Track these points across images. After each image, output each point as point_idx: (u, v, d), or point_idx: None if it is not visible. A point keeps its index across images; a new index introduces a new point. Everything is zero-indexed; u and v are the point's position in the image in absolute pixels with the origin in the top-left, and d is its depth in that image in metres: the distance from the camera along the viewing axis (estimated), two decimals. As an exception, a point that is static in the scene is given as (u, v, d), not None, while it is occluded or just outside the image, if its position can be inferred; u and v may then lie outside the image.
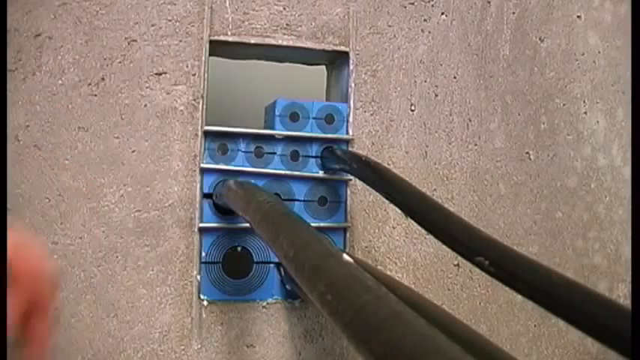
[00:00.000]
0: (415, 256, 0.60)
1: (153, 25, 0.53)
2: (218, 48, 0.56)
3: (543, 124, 0.65)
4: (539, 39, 0.65)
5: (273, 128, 0.55)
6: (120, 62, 0.52)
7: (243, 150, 0.54)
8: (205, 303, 0.54)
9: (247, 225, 0.49)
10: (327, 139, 0.56)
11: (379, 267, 0.58)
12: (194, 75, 0.54)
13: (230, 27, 0.55)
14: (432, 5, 0.61)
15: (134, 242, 0.52)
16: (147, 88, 0.53)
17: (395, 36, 0.60)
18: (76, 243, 0.51)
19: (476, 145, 0.62)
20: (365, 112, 0.59)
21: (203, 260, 0.53)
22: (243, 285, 0.54)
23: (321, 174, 0.56)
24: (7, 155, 0.49)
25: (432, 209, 0.42)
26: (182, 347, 0.53)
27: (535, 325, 0.63)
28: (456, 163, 0.61)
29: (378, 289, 0.25)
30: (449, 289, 0.61)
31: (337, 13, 0.58)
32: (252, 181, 0.53)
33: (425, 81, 0.61)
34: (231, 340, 0.54)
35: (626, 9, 0.68)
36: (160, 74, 0.53)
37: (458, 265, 0.61)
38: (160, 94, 0.53)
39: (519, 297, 0.36)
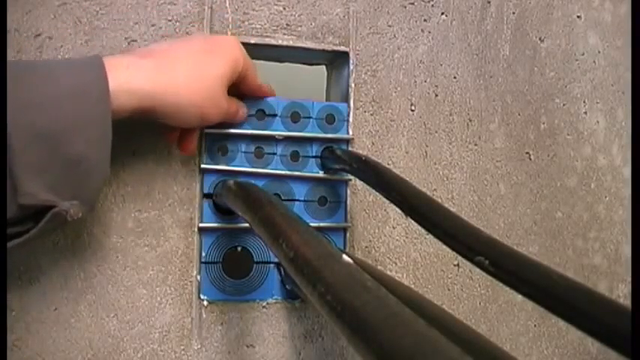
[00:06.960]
0: (415, 256, 0.60)
1: (153, 25, 0.53)
2: (218, 48, 0.56)
3: (543, 124, 0.65)
4: (539, 39, 0.65)
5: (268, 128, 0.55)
6: (120, 62, 0.52)
7: (243, 150, 0.54)
8: (205, 303, 0.54)
9: (247, 225, 0.49)
10: (327, 139, 0.56)
11: (379, 267, 0.58)
12: (194, 75, 0.54)
13: (230, 27, 0.55)
14: (432, 5, 0.61)
15: (134, 242, 0.52)
16: (147, 88, 0.53)
17: (395, 36, 0.60)
18: (75, 243, 0.51)
19: (476, 145, 0.62)
20: (365, 112, 0.59)
21: (203, 260, 0.53)
22: (243, 285, 0.54)
23: (321, 174, 0.56)
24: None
25: (432, 209, 0.42)
26: (182, 347, 0.53)
27: (535, 325, 0.63)
28: (456, 163, 0.61)
29: (377, 289, 0.25)
30: (449, 289, 0.61)
31: (337, 13, 0.58)
32: (252, 181, 0.53)
33: (425, 81, 0.61)
34: (231, 340, 0.54)
35: (626, 9, 0.68)
36: (160, 74, 0.53)
37: (458, 265, 0.61)
38: (160, 94, 0.53)
39: (519, 297, 0.36)
